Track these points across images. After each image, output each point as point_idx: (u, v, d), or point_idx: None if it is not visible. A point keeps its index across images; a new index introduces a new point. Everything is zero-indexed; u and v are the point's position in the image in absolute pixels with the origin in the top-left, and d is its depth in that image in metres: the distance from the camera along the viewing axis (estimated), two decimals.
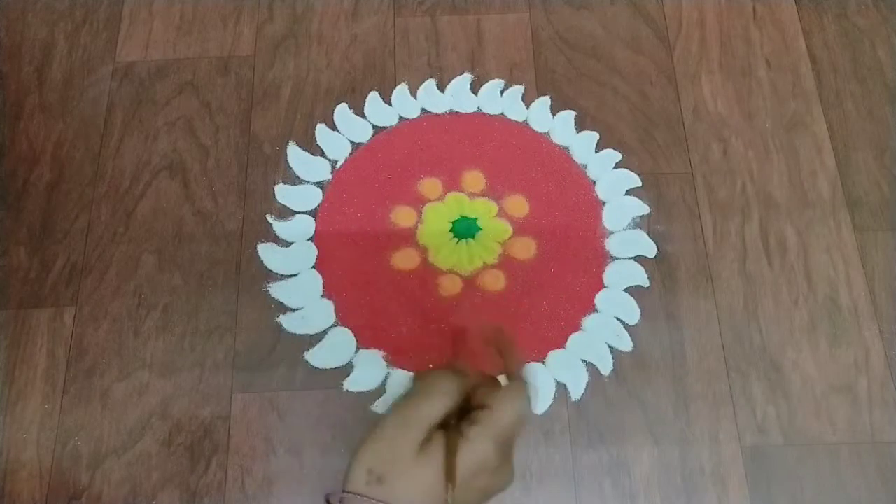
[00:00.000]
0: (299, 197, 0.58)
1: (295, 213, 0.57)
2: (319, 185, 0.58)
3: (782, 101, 0.61)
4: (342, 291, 0.55)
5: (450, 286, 0.55)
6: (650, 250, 0.56)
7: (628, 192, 0.58)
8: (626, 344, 0.53)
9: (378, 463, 0.33)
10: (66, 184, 0.58)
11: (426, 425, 0.33)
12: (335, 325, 0.54)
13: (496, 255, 0.56)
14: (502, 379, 0.37)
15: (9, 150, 0.60)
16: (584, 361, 0.52)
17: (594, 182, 0.58)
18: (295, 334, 0.53)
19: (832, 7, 0.65)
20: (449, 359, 0.52)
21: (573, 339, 0.53)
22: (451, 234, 0.56)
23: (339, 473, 0.51)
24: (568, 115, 0.61)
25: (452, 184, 0.58)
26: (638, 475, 0.49)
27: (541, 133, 0.60)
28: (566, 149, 0.60)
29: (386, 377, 0.52)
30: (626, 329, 0.53)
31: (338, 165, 0.59)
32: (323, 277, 0.55)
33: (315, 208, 0.58)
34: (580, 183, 0.58)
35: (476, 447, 0.33)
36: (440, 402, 0.34)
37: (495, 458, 0.33)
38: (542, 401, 0.51)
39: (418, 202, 0.58)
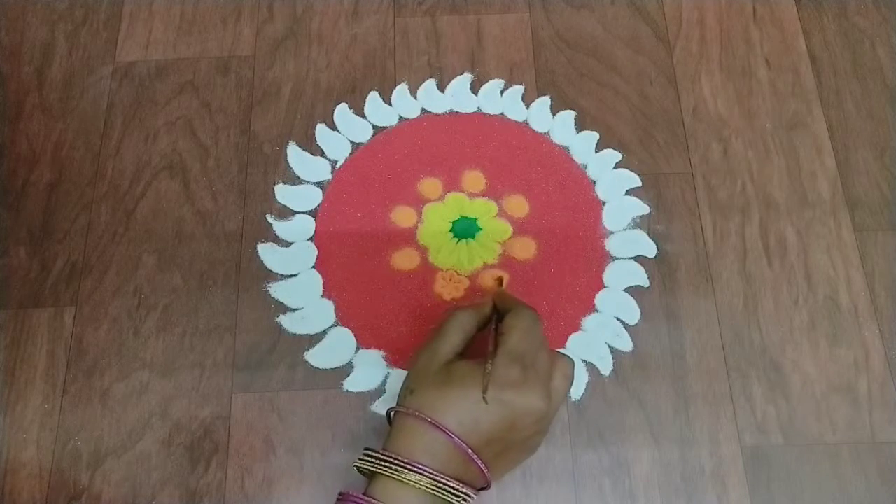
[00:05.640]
0: (299, 197, 0.58)
1: (295, 213, 0.57)
2: (319, 185, 0.58)
3: (782, 101, 0.61)
4: (342, 291, 0.55)
5: (450, 286, 0.55)
6: (650, 250, 0.56)
7: (628, 192, 0.58)
8: (626, 344, 0.53)
9: (411, 381, 0.41)
10: (66, 184, 0.58)
11: (444, 358, 0.42)
12: (335, 325, 0.54)
13: (496, 255, 0.56)
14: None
15: (9, 150, 0.60)
16: (584, 361, 0.52)
17: (594, 182, 0.58)
18: (295, 334, 0.53)
19: (832, 7, 0.65)
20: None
21: (573, 339, 0.53)
22: (451, 235, 0.57)
23: (339, 473, 0.51)
24: (568, 115, 0.61)
25: (452, 184, 0.58)
26: (638, 475, 0.49)
27: (541, 133, 0.60)
28: (566, 149, 0.60)
29: (386, 377, 0.52)
30: (626, 329, 0.53)
31: (338, 165, 0.59)
32: (323, 277, 0.55)
33: (315, 208, 0.58)
34: (580, 183, 0.58)
35: (497, 362, 0.40)
36: (454, 336, 0.43)
37: (516, 372, 0.39)
38: None
39: (418, 202, 0.58)
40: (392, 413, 0.42)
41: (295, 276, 0.55)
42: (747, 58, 0.63)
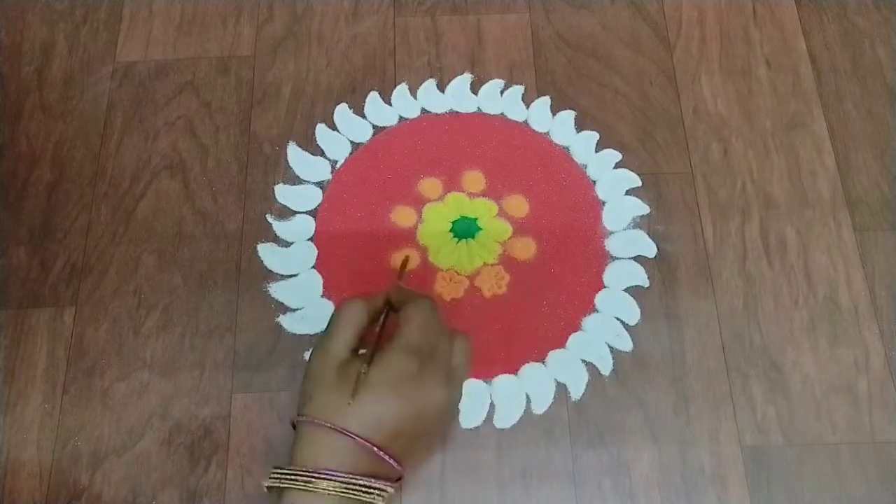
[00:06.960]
0: (299, 197, 0.58)
1: (295, 213, 0.57)
2: (319, 185, 0.58)
3: (782, 101, 0.61)
4: (342, 291, 0.55)
5: (450, 286, 0.55)
6: (650, 250, 0.56)
7: (628, 192, 0.58)
8: (626, 344, 0.53)
9: (308, 386, 0.41)
10: (66, 184, 0.58)
11: (338, 357, 0.41)
12: None
13: (496, 255, 0.56)
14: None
15: (9, 150, 0.60)
16: (584, 361, 0.52)
17: (594, 182, 0.58)
18: (295, 334, 0.54)
19: (832, 7, 0.65)
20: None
21: (573, 339, 0.53)
22: (451, 235, 0.57)
23: None
24: (568, 115, 0.61)
25: (452, 184, 0.58)
26: (638, 475, 0.49)
27: (541, 133, 0.60)
28: (566, 149, 0.60)
29: None
30: (626, 329, 0.53)
31: (338, 165, 0.59)
32: (323, 277, 0.55)
33: (315, 208, 0.58)
34: (580, 183, 0.58)
35: (389, 356, 0.40)
36: (345, 333, 0.42)
37: (413, 364, 0.40)
38: (542, 401, 0.51)
39: (418, 202, 0.58)
40: (298, 421, 0.41)
41: (295, 276, 0.55)
42: (747, 58, 0.63)
